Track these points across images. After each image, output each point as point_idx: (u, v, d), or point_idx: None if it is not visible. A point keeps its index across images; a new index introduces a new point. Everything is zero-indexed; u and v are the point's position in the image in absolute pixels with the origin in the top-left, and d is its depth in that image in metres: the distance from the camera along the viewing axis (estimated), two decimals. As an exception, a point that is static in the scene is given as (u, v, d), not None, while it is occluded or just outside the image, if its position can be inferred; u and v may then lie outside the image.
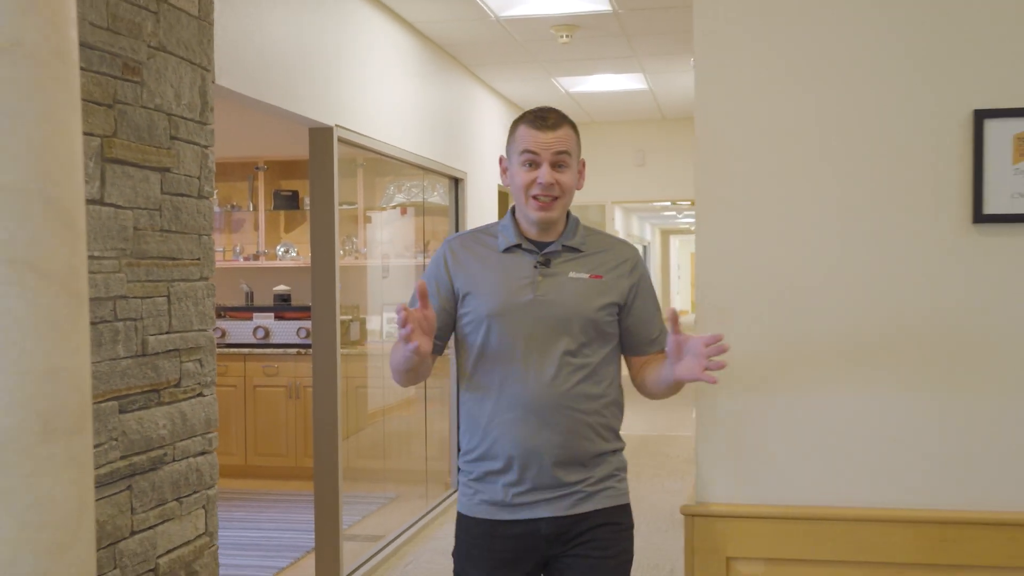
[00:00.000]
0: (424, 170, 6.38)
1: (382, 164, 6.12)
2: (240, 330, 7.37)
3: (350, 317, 6.37)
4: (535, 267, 2.38)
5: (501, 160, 2.47)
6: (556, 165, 2.34)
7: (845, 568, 2.41)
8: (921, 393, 2.39)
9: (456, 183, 6.97)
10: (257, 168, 7.67)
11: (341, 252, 5.01)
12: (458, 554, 2.47)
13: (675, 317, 2.21)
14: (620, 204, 9.61)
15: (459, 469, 2.47)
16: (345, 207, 5.83)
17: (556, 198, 2.34)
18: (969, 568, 2.36)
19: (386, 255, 7.21)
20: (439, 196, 7.00)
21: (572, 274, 2.39)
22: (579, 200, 9.17)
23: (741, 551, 2.45)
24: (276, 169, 7.78)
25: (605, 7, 5.45)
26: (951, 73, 2.37)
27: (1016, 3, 2.33)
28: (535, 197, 2.34)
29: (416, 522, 5.96)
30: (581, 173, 2.44)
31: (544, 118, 2.36)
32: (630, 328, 2.44)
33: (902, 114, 2.40)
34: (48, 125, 1.22)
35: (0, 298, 1.21)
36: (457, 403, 2.53)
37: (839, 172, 2.43)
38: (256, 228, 7.81)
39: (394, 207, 7.08)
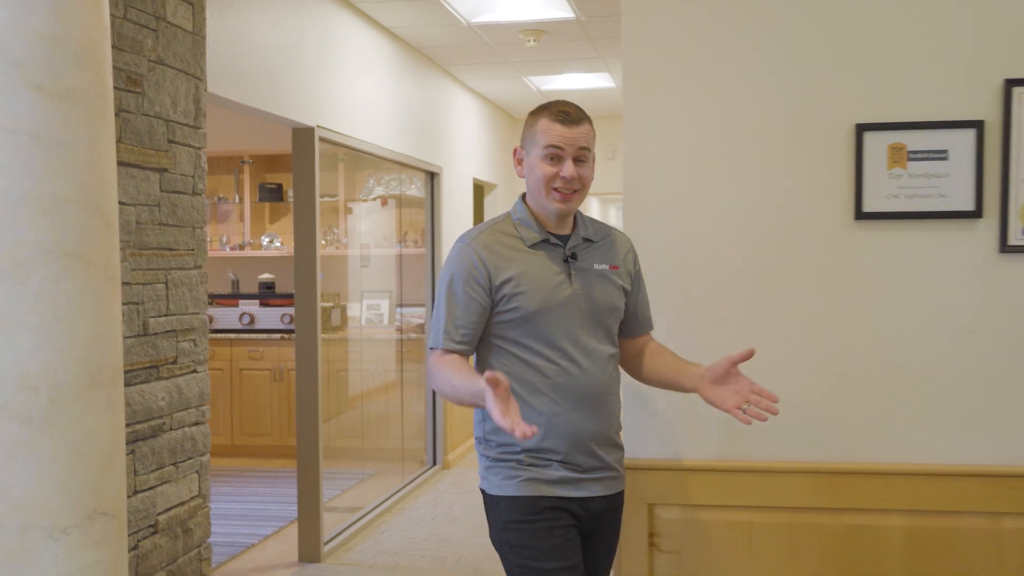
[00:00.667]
0: (401, 165, 6.77)
1: (362, 158, 6.49)
2: (227, 316, 7.75)
3: (331, 304, 6.77)
4: (566, 261, 2.44)
5: (516, 151, 2.50)
6: (578, 160, 2.39)
7: (746, 512, 2.83)
8: (811, 362, 2.82)
9: (432, 177, 7.36)
10: (243, 162, 8.05)
11: (323, 242, 5.39)
12: (516, 538, 2.40)
13: (746, 356, 2.36)
14: (595, 195, 10.01)
15: (492, 460, 2.45)
16: (326, 199, 6.22)
17: (576, 191, 2.41)
18: (850, 511, 2.79)
19: (365, 245, 7.60)
20: (416, 189, 7.38)
21: (596, 266, 2.47)
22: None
23: (661, 498, 2.87)
24: (261, 163, 8.16)
25: (569, 14, 5.84)
26: (837, 93, 2.79)
27: (889, 38, 2.75)
28: (556, 190, 2.39)
29: (392, 495, 6.37)
30: (593, 168, 2.47)
31: (568, 113, 2.40)
32: (630, 311, 2.56)
33: (797, 127, 2.82)
34: (95, 151, 1.63)
35: (61, 283, 1.61)
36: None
37: (745, 175, 2.85)
38: (242, 219, 8.18)
39: (373, 199, 7.46)
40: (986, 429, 2.76)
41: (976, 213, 2.73)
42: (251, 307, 7.77)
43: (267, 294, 7.87)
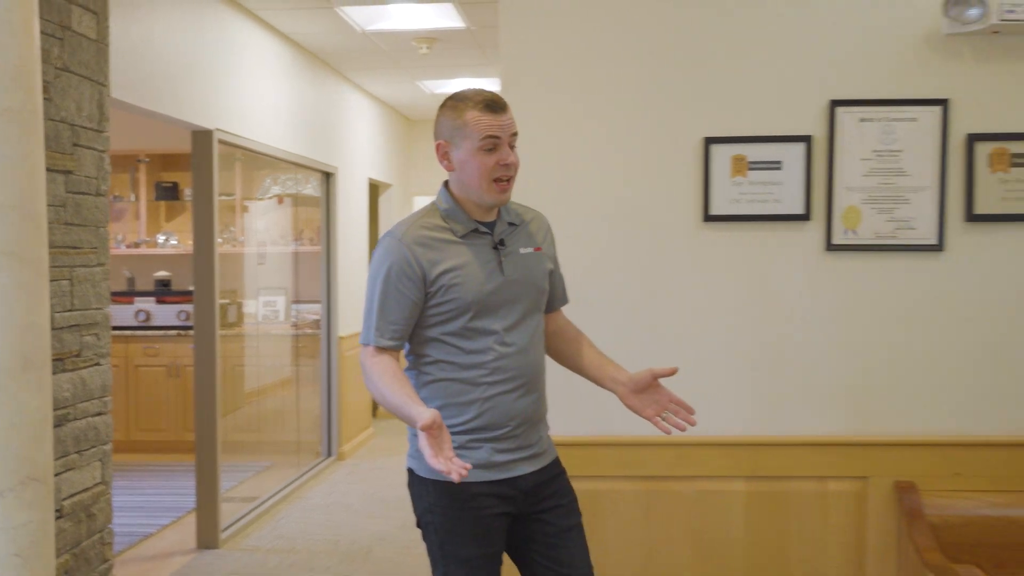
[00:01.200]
0: (298, 165, 6.98)
1: (260, 159, 6.68)
2: (122, 313, 7.84)
3: (228, 301, 6.94)
4: (494, 249, 2.44)
5: (439, 146, 2.46)
6: (511, 146, 2.40)
7: (610, 481, 3.19)
8: (665, 346, 3.18)
9: (328, 177, 7.58)
10: (139, 161, 8.13)
11: (220, 240, 5.58)
12: (440, 521, 2.45)
13: (670, 372, 2.46)
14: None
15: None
16: (224, 198, 6.39)
17: (511, 178, 2.41)
18: (700, 478, 3.16)
19: (262, 243, 7.78)
20: (312, 188, 7.59)
21: (522, 250, 2.48)
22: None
23: (570, 471, 3.19)
24: (157, 162, 8.25)
25: (459, 24, 6.14)
26: (689, 111, 3.17)
27: (733, 64, 3.14)
28: (497, 180, 2.37)
29: (288, 485, 6.58)
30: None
31: (495, 101, 2.39)
32: (550, 288, 2.58)
33: (655, 139, 3.19)
34: (28, 162, 1.87)
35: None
36: (340, 383, 2.91)
37: (610, 180, 3.20)
38: (137, 217, 8.26)
39: (270, 198, 7.65)
40: (813, 404, 3.16)
41: (805, 216, 3.14)
42: (147, 304, 7.88)
43: (163, 291, 7.97)
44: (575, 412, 3.21)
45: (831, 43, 3.14)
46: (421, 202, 10.96)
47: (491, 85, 8.27)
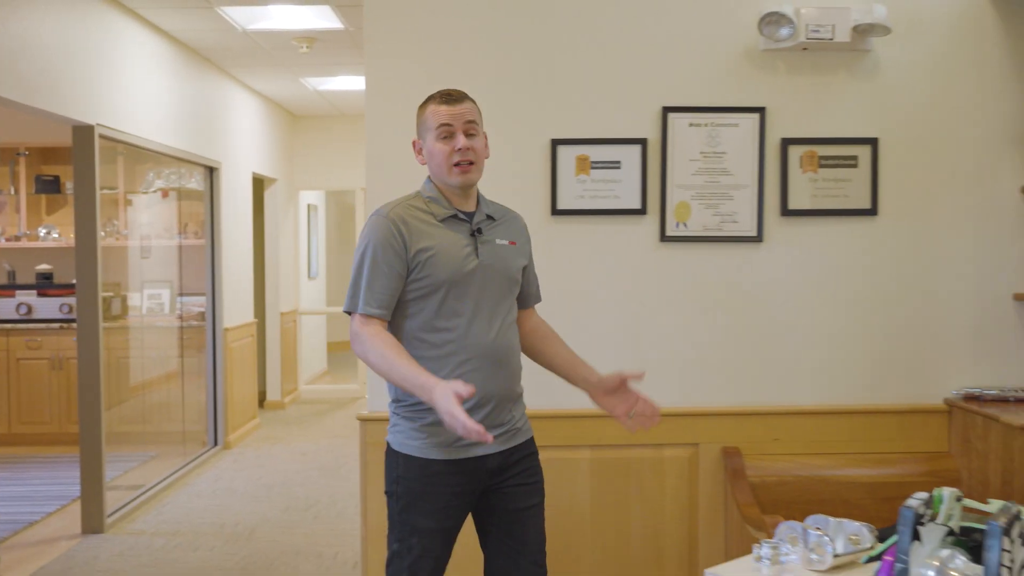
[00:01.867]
0: (181, 160, 7.10)
1: (143, 152, 6.79)
2: (3, 307, 7.83)
3: (112, 294, 7.02)
4: (472, 235, 2.61)
5: (415, 144, 2.69)
6: (468, 133, 2.58)
7: (468, 451, 3.49)
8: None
9: (211, 171, 7.71)
10: (19, 154, 8.12)
11: (103, 234, 5.70)
12: (404, 492, 2.59)
13: (638, 376, 2.70)
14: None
15: (401, 417, 2.61)
16: (106, 191, 6.49)
17: (472, 162, 2.58)
18: (550, 447, 3.49)
19: (146, 236, 7.86)
20: (196, 183, 7.71)
21: (499, 241, 2.66)
22: (334, 185, 9.94)
23: (399, 444, 3.49)
24: (37, 155, 8.25)
25: (338, 25, 6.37)
26: (538, 115, 3.50)
27: (577, 73, 3.48)
28: (456, 164, 2.57)
29: (174, 473, 6.72)
30: (486, 145, 2.66)
31: (450, 94, 2.62)
32: (523, 284, 2.75)
33: (509, 140, 3.50)
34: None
35: None
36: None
37: (467, 179, 3.50)
38: (17, 211, 8.24)
39: (154, 192, 7.73)
40: (650, 379, 3.48)
41: (642, 211, 3.50)
42: (28, 298, 7.88)
43: (45, 284, 7.99)
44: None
45: (664, 56, 3.50)
46: (306, 197, 11.12)
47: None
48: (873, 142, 3.52)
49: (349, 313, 2.58)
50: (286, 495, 6.28)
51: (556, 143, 3.47)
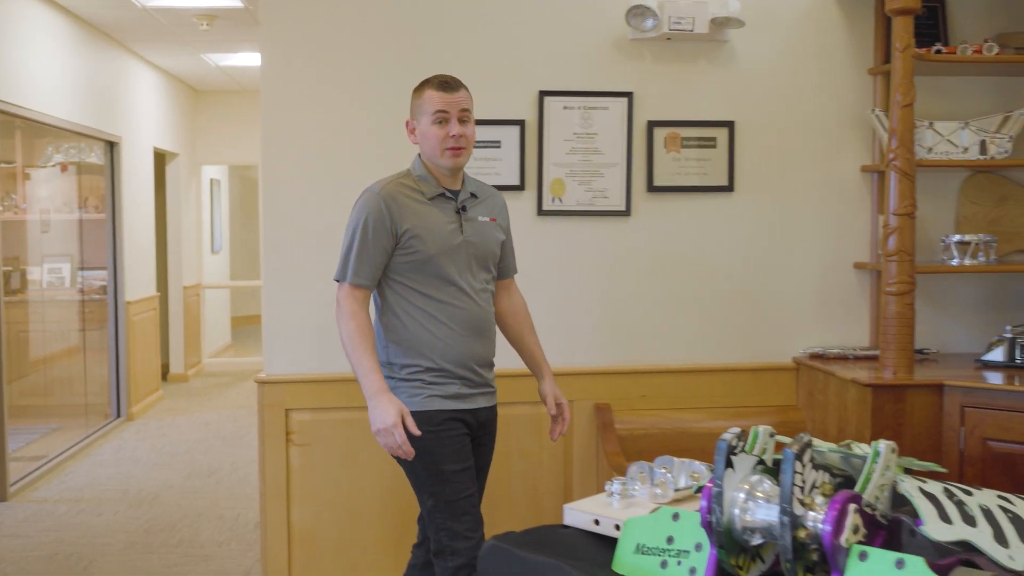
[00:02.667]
0: (80, 134, 7.16)
1: (42, 127, 6.82)
2: (-102, 281, 7.77)
3: (11, 268, 7.05)
4: (457, 213, 2.85)
5: (408, 124, 2.90)
6: (461, 120, 2.81)
7: (360, 411, 3.73)
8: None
9: (112, 146, 7.77)
10: (-89, 128, 8.03)
11: (0, 208, 5.77)
12: (423, 446, 2.77)
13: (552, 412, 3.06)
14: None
15: (398, 380, 2.84)
16: (3, 165, 6.52)
17: (463, 148, 2.81)
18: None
19: (45, 210, 7.87)
20: (96, 157, 7.76)
21: (481, 218, 2.90)
22: (236, 160, 9.97)
23: (295, 404, 3.73)
24: (-69, 129, 8.17)
25: (238, 3, 6.50)
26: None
27: (462, 58, 3.73)
28: (449, 148, 2.79)
29: (76, 444, 6.83)
30: (474, 127, 2.89)
31: (447, 82, 2.82)
32: (501, 256, 3.01)
33: (396, 117, 3.72)
34: None
35: None
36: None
37: (360, 155, 3.74)
38: (-89, 185, 8.16)
39: (53, 166, 7.75)
40: (529, 342, 3.82)
41: (520, 187, 3.78)
42: (-75, 272, 7.83)
43: (-58, 259, 7.93)
44: (326, 352, 3.74)
45: (540, 44, 3.78)
46: (209, 171, 11.16)
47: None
48: (730, 125, 3.86)
49: (337, 281, 2.83)
50: (189, 462, 6.45)
51: (440, 123, 3.73)
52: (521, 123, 3.76)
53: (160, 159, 9.52)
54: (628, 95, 3.80)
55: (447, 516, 2.80)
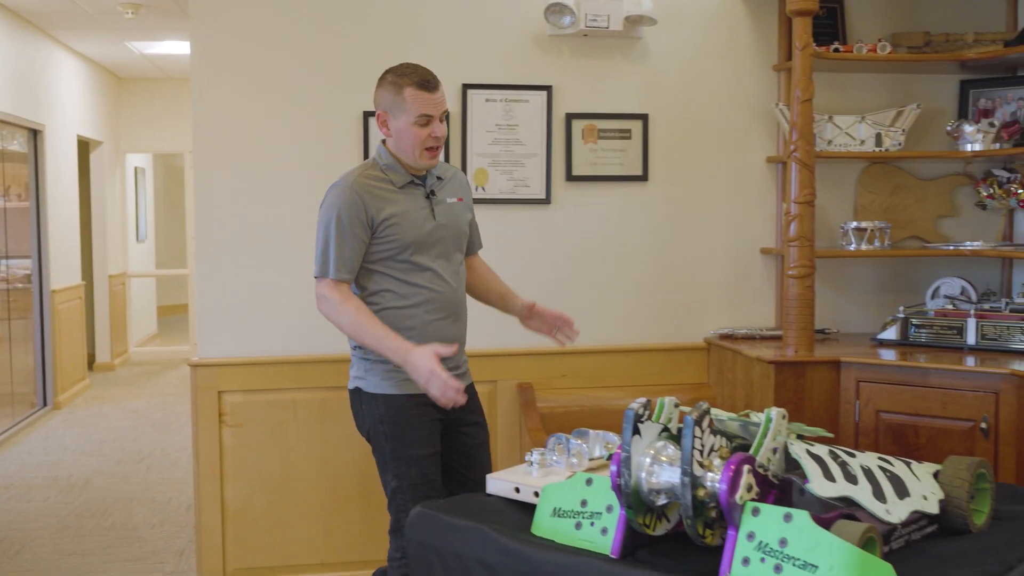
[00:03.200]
0: (2, 122, 7.11)
1: (-40, 116, 6.78)
2: None
3: (-68, 257, 6.99)
4: (427, 198, 2.89)
5: (379, 116, 2.85)
6: (440, 120, 2.83)
7: (292, 392, 3.88)
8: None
9: (35, 134, 7.72)
10: None
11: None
12: (390, 429, 2.85)
13: (533, 307, 3.06)
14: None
15: (372, 362, 2.87)
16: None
17: (439, 148, 2.86)
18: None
19: (-34, 199, 7.79)
20: (19, 145, 7.70)
21: (448, 200, 2.93)
22: (161, 148, 9.91)
23: (227, 386, 3.85)
24: None
25: (164, -8, 6.54)
26: (350, 89, 3.87)
27: (387, 50, 3.86)
28: (428, 149, 2.82)
29: (3, 433, 6.81)
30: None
31: (428, 81, 2.81)
32: (469, 234, 3.06)
33: (323, 110, 3.87)
34: None
35: None
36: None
37: (291, 144, 3.86)
38: None
39: (-27, 155, 7.67)
40: (455, 325, 3.97)
41: (445, 176, 3.93)
42: None
43: None
44: (259, 337, 3.87)
45: (463, 38, 3.94)
46: (134, 159, 11.09)
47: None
48: (644, 117, 4.06)
49: (317, 278, 2.84)
50: (118, 449, 6.50)
51: (367, 115, 3.86)
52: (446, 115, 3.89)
53: (84, 147, 9.45)
54: (547, 88, 3.97)
55: (409, 499, 2.85)
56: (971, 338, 3.66)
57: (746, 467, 2.03)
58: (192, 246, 10.16)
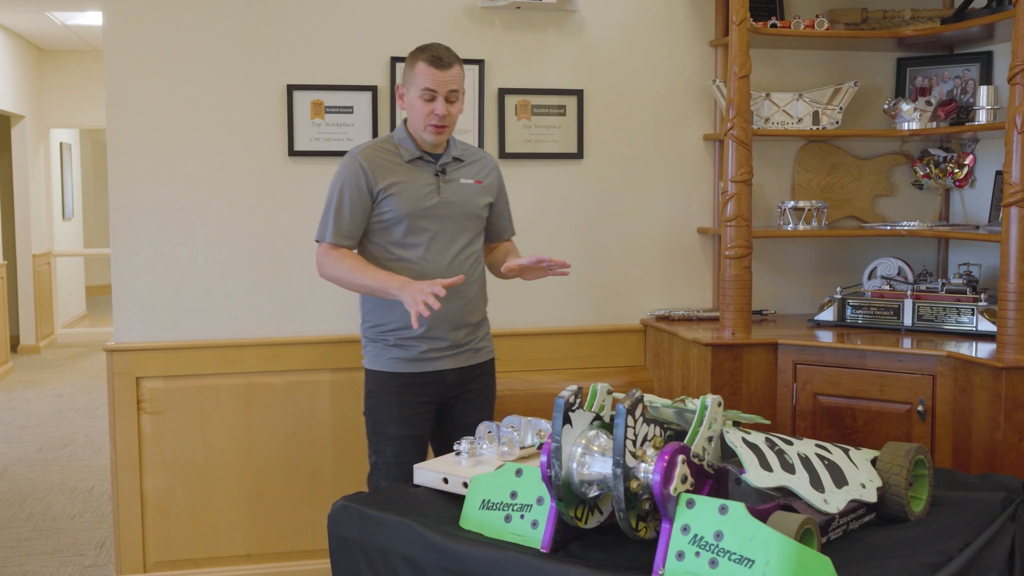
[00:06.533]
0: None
1: None
2: None
3: None
4: (436, 175, 2.94)
5: (398, 88, 2.97)
6: (448, 100, 2.86)
7: (214, 378, 3.73)
8: (256, 262, 3.75)
9: (-50, 108, 7.41)
10: None
11: None
12: (374, 405, 2.96)
13: (507, 268, 2.92)
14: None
15: (369, 339, 2.99)
16: None
17: (446, 126, 2.89)
18: (292, 372, 3.78)
19: None
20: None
21: (463, 180, 2.98)
22: (88, 123, 9.64)
23: (146, 372, 3.68)
24: None
25: (84, -40, 6.28)
26: (273, 61, 3.71)
27: (312, 23, 3.71)
28: (432, 125, 2.87)
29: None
30: (463, 104, 2.96)
31: (440, 58, 2.85)
32: (492, 220, 3.11)
33: (246, 85, 3.71)
34: None
35: None
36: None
37: (208, 120, 3.69)
38: None
39: None
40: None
41: (374, 153, 3.79)
42: None
43: None
44: (180, 320, 3.71)
45: (392, 9, 3.79)
46: (58, 134, 10.73)
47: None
48: (579, 93, 3.95)
49: (318, 242, 2.95)
50: (40, 435, 6.28)
51: (292, 88, 3.71)
52: (373, 89, 3.76)
53: (4, 122, 9.12)
54: (480, 62, 3.85)
55: (382, 477, 2.93)
56: (907, 319, 3.63)
57: (680, 457, 1.96)
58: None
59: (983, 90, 3.68)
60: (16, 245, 9.33)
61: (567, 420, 2.11)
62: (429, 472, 2.45)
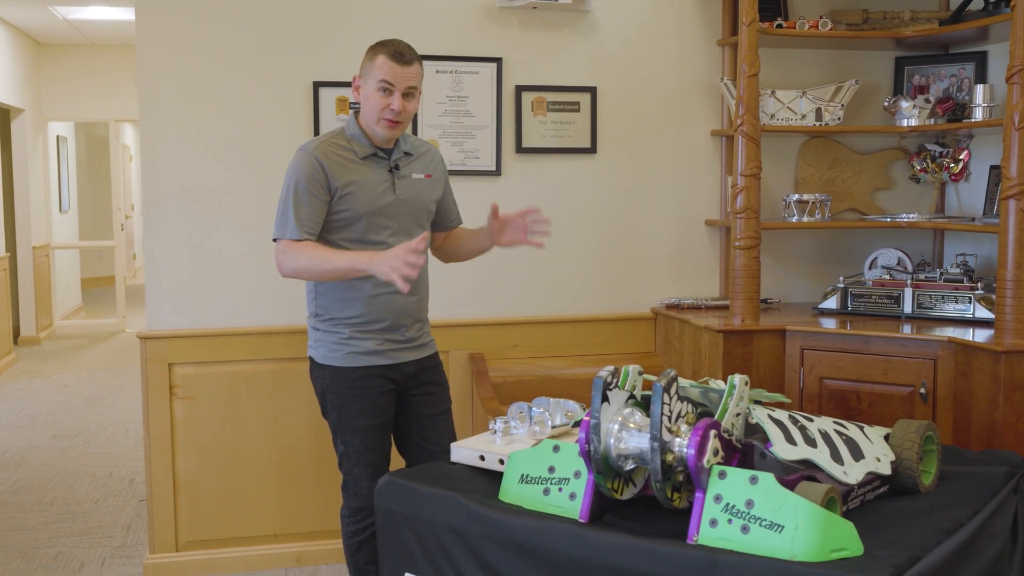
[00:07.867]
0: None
1: None
2: None
3: None
4: (390, 171, 2.92)
5: (354, 80, 2.92)
6: (406, 95, 2.83)
7: (243, 364, 3.86)
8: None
9: (-44, 101, 7.49)
10: None
11: None
12: (336, 399, 2.94)
13: (495, 209, 2.98)
14: (126, 121, 10.35)
15: (322, 332, 2.96)
16: None
17: (400, 122, 2.85)
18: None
19: None
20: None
21: (414, 175, 2.96)
22: (85, 117, 9.69)
23: (178, 359, 3.82)
24: None
25: (93, -44, 6.37)
26: (300, 59, 3.85)
27: (335, 23, 3.84)
28: (386, 119, 2.83)
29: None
30: (419, 100, 2.92)
31: (402, 54, 2.82)
32: (440, 211, 3.12)
33: (276, 80, 3.84)
34: None
35: None
36: None
37: (240, 114, 3.82)
38: None
39: None
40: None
41: (396, 148, 3.93)
42: None
43: None
44: (206, 308, 3.84)
45: (413, 8, 3.93)
46: (56, 128, 10.80)
47: (128, 14, 8.40)
48: (592, 90, 4.11)
49: (276, 240, 2.85)
50: (52, 424, 6.39)
51: (318, 85, 3.84)
52: (396, 86, 3.89)
53: (5, 115, 9.19)
54: (497, 60, 3.99)
55: (354, 464, 2.98)
56: (907, 307, 3.80)
57: (712, 432, 2.11)
58: (118, 217, 9.95)
59: (979, 88, 3.85)
60: (17, 237, 9.41)
61: (605, 398, 2.24)
62: (465, 450, 2.58)
